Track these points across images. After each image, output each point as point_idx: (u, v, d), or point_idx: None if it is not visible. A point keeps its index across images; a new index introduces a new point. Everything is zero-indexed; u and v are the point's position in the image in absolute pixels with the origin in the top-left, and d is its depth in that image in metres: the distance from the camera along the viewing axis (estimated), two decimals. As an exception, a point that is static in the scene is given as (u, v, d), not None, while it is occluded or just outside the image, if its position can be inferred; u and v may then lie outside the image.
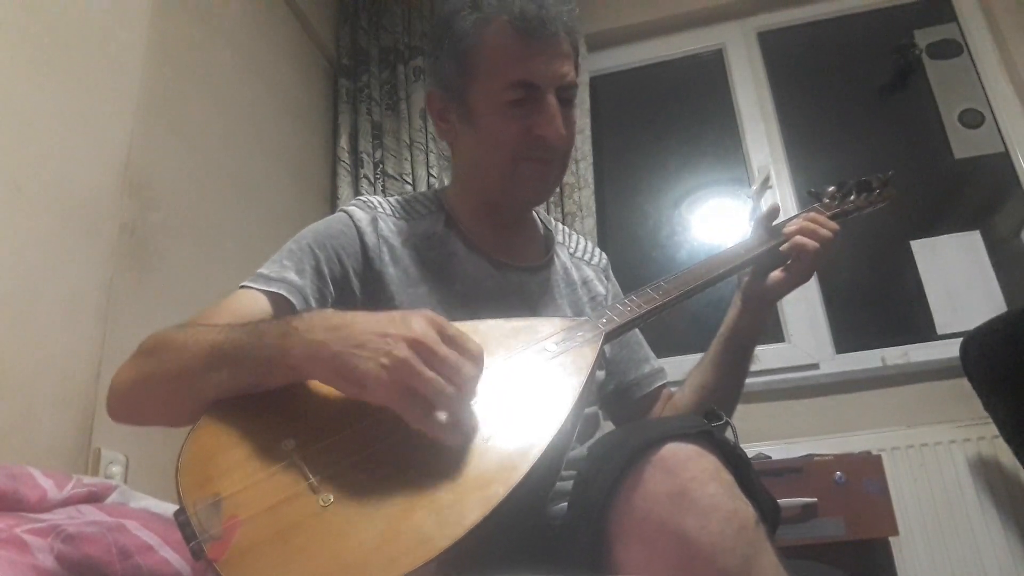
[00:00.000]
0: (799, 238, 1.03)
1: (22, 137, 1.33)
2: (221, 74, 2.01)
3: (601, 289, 1.18)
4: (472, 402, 0.67)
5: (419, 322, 0.67)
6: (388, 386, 0.65)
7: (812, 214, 1.09)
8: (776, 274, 1.05)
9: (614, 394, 1.17)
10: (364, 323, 0.68)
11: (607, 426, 1.16)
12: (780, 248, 1.06)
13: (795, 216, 1.10)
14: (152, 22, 1.71)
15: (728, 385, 1.09)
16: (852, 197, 1.18)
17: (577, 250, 1.21)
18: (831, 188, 1.17)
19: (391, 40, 2.70)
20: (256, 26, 2.22)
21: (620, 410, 1.18)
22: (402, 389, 0.64)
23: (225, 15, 2.06)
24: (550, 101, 0.97)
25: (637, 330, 1.20)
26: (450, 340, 0.67)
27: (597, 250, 1.25)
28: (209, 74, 1.95)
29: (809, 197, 1.19)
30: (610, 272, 1.24)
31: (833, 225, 1.06)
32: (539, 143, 0.98)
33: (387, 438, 0.68)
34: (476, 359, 0.68)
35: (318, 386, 0.73)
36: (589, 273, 1.18)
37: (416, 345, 0.65)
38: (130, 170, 1.57)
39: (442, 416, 0.66)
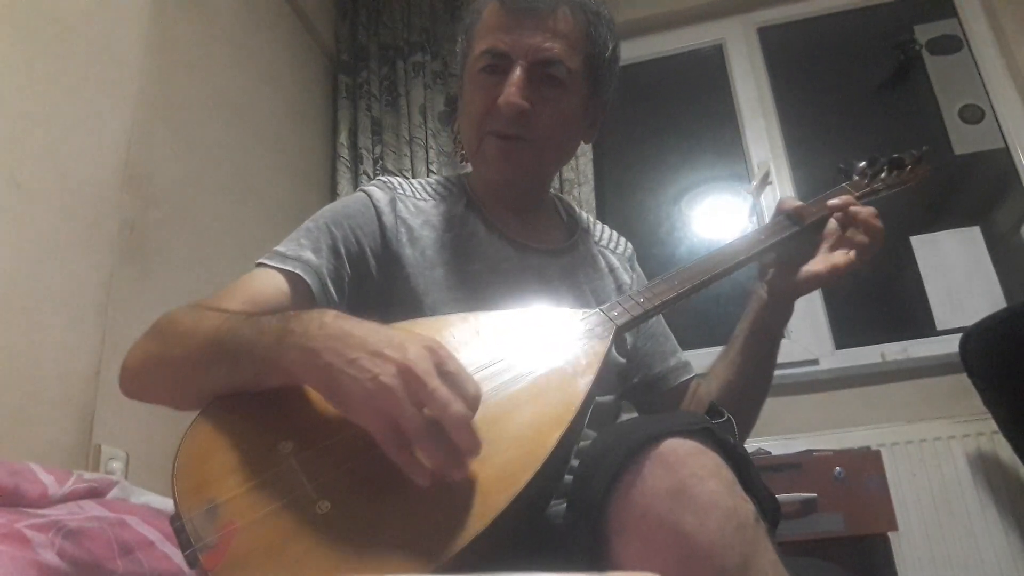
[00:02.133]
0: (859, 236, 0.95)
1: (22, 134, 1.33)
2: (220, 71, 2.00)
3: (626, 278, 1.15)
4: (457, 446, 0.61)
5: (417, 350, 0.63)
6: (368, 410, 0.62)
7: (863, 212, 0.98)
8: (811, 268, 0.97)
9: (640, 387, 1.14)
10: (362, 337, 0.65)
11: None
12: (822, 233, 0.97)
13: (822, 196, 1.02)
14: (152, 20, 1.71)
15: (757, 380, 1.05)
16: (883, 175, 1.08)
17: (602, 238, 1.19)
18: (861, 164, 1.08)
19: (390, 36, 2.69)
20: (255, 23, 2.21)
21: (647, 404, 1.15)
22: (380, 416, 0.61)
23: (224, 12, 2.05)
24: (514, 70, 0.96)
25: (663, 322, 1.18)
26: (446, 375, 0.62)
27: (622, 239, 1.22)
28: (208, 71, 1.94)
29: (839, 174, 1.10)
30: (635, 262, 1.21)
31: (877, 224, 0.96)
32: (497, 111, 0.97)
33: None
34: (470, 400, 0.62)
35: None
36: (615, 261, 1.16)
37: (406, 374, 0.61)
38: (130, 167, 1.57)
39: (418, 453, 0.61)
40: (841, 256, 0.96)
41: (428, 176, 2.47)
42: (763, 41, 2.69)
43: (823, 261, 0.96)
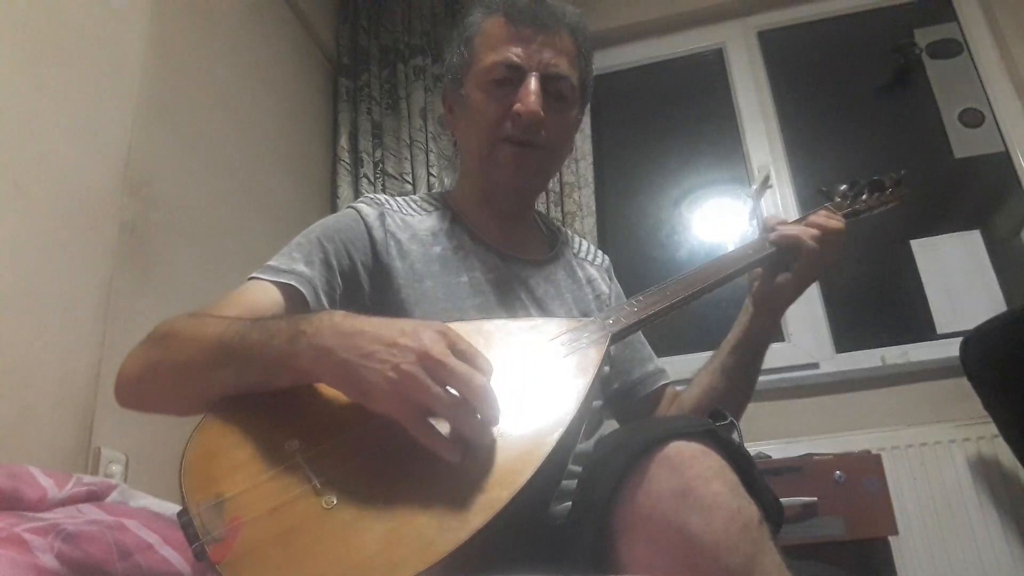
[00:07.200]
0: (793, 235, 1.01)
1: (22, 136, 1.33)
2: (221, 73, 2.00)
3: (604, 288, 1.19)
4: (484, 415, 0.66)
5: (429, 334, 0.66)
6: (392, 398, 0.64)
7: (813, 217, 1.06)
8: (782, 278, 1.03)
9: (618, 393, 1.17)
10: (374, 332, 0.68)
11: (610, 424, 1.17)
12: (777, 246, 1.03)
13: (804, 216, 1.08)
14: (152, 22, 1.71)
15: (739, 389, 1.08)
16: (864, 197, 1.15)
17: (580, 251, 1.24)
18: (843, 187, 1.15)
19: (391, 39, 2.70)
20: (256, 25, 2.22)
21: (624, 409, 1.18)
22: (406, 402, 0.64)
23: (225, 15, 2.05)
24: (529, 81, 1.01)
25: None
26: (460, 354, 0.66)
27: (599, 252, 1.28)
28: (209, 73, 1.94)
29: (820, 196, 1.16)
30: (612, 273, 1.26)
31: (834, 224, 1.03)
32: (514, 120, 1.01)
33: (391, 440, 0.67)
34: (486, 372, 0.67)
35: (324, 387, 0.73)
36: (593, 273, 1.20)
37: (425, 358, 0.64)
38: (130, 169, 1.57)
39: (446, 430, 0.65)
40: (800, 262, 1.02)
41: (428, 179, 2.48)
42: (763, 45, 2.70)
43: (792, 269, 1.02)
